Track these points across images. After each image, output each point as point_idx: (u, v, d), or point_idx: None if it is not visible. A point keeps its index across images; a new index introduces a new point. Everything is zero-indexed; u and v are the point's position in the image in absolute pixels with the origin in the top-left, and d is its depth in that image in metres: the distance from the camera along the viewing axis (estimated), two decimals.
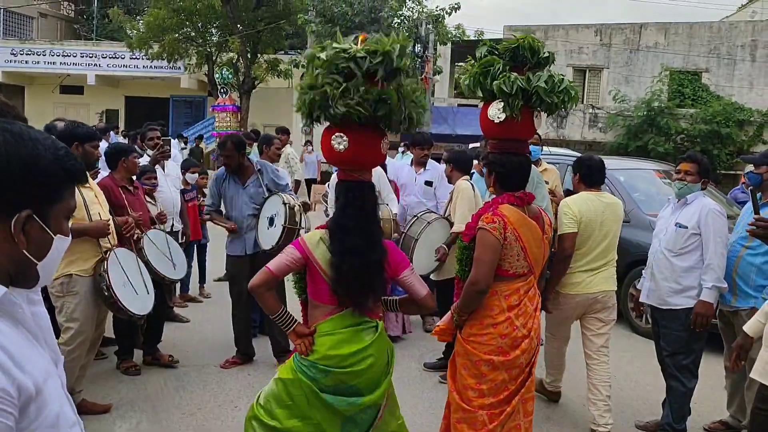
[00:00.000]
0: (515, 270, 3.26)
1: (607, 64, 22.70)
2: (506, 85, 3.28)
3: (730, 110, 20.72)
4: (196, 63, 22.25)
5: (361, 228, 2.93)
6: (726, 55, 22.15)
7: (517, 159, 3.39)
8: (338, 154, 2.92)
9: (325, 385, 2.89)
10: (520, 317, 3.26)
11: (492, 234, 3.17)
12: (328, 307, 2.92)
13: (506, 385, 3.26)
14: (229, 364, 5.45)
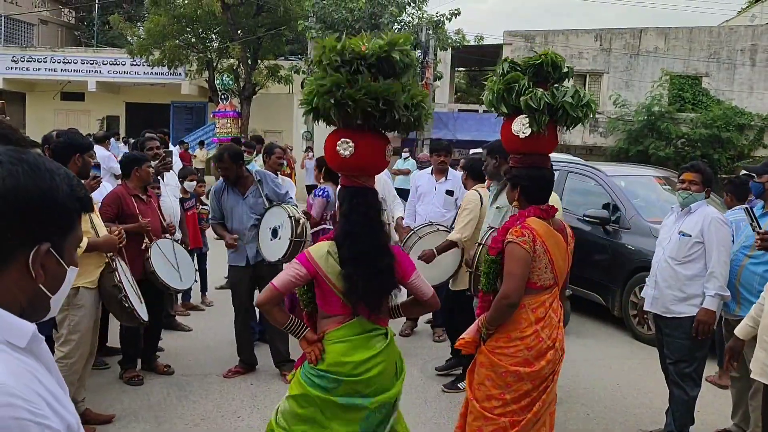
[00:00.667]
0: (542, 282, 3.29)
1: (607, 69, 22.73)
2: (533, 101, 3.34)
3: (730, 114, 20.75)
4: (197, 69, 22.27)
5: (368, 234, 2.94)
6: (726, 60, 22.18)
7: (541, 172, 3.45)
8: (343, 160, 2.95)
9: (337, 394, 2.89)
10: (545, 329, 3.28)
11: (522, 247, 3.20)
12: (339, 317, 2.93)
13: (530, 394, 3.28)
14: (231, 374, 5.45)
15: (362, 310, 2.92)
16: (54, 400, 1.10)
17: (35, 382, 1.07)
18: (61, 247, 1.19)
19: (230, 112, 20.75)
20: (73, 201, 1.19)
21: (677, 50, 22.30)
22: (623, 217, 7.18)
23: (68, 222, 1.20)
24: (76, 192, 1.20)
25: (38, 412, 1.03)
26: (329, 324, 2.96)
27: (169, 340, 5.98)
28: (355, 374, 2.89)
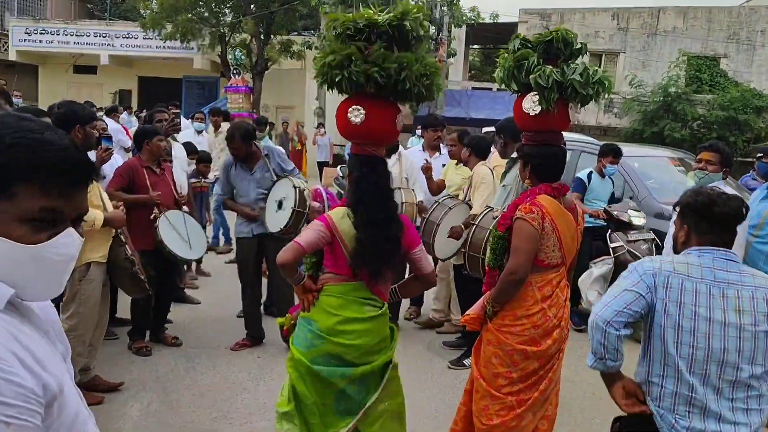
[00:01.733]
0: (550, 261, 3.26)
1: (623, 48, 22.43)
2: (542, 79, 3.29)
3: (748, 96, 20.41)
4: (209, 44, 22.15)
5: (377, 202, 3.04)
6: (745, 41, 21.82)
7: (553, 150, 3.42)
8: (354, 127, 3.03)
9: (317, 356, 3.00)
10: (552, 308, 3.27)
11: (531, 224, 3.17)
12: (342, 276, 3.05)
13: (538, 372, 3.28)
14: (239, 347, 5.48)
15: (364, 275, 3.02)
16: (32, 360, 1.09)
17: (11, 340, 1.07)
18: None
19: (242, 87, 20.67)
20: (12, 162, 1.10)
21: (696, 30, 21.95)
22: (635, 198, 7.11)
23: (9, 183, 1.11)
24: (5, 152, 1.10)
25: (8, 368, 1.04)
26: (329, 279, 3.09)
27: (178, 313, 6.01)
28: (339, 331, 2.99)
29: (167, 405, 4.38)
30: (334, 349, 3.00)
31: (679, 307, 2.29)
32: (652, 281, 2.35)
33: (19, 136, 1.11)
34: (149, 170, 5.25)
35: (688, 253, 2.40)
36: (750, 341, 2.26)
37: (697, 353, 2.27)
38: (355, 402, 3.09)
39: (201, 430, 4.07)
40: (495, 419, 3.26)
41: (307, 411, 3.04)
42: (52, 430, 1.13)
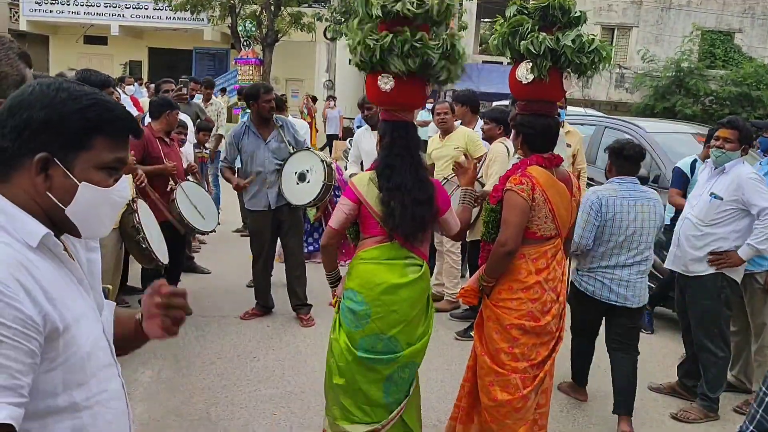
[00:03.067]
0: (543, 233, 3.23)
1: (636, 22, 22.17)
2: (534, 46, 3.20)
3: (762, 72, 20.18)
4: (220, 15, 22.04)
5: (408, 166, 3.11)
6: (761, 15, 21.50)
7: (545, 121, 3.34)
8: (384, 93, 3.11)
9: (364, 336, 3.05)
10: (549, 281, 3.24)
11: (520, 195, 3.14)
12: (376, 238, 3.12)
13: (537, 349, 3.25)
14: (248, 316, 5.57)
15: (398, 237, 3.08)
16: (42, 294, 1.18)
17: (23, 272, 1.16)
18: (69, 161, 1.25)
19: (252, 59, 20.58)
20: (79, 118, 1.25)
21: (710, 4, 21.64)
22: (662, 176, 6.95)
23: (75, 139, 1.25)
24: (85, 112, 1.25)
25: (9, 293, 1.12)
26: (366, 244, 3.16)
27: (188, 283, 6.09)
28: (384, 301, 3.03)
29: (177, 372, 4.48)
30: (379, 327, 3.04)
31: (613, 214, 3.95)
32: (598, 207, 3.96)
33: (92, 97, 1.27)
34: (161, 141, 5.30)
35: (611, 182, 4.10)
36: (646, 230, 3.97)
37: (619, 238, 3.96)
38: (403, 390, 3.18)
39: (210, 397, 4.17)
40: (501, 395, 3.24)
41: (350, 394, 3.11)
42: (57, 363, 1.21)
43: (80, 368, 1.25)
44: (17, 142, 1.22)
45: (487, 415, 3.31)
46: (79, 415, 1.26)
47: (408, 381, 3.20)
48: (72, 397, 1.24)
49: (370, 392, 3.09)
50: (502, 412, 3.25)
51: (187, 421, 3.87)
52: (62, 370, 1.22)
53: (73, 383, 1.24)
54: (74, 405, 1.24)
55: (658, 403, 4.47)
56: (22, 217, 1.22)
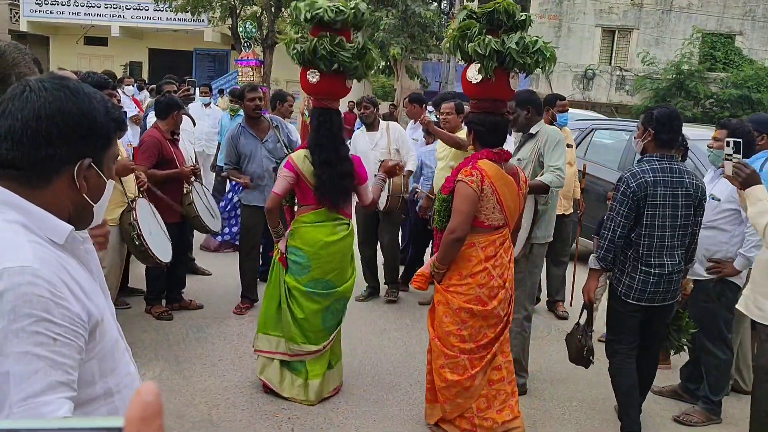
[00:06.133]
0: (491, 222, 3.48)
1: (637, 25, 22.17)
2: (481, 47, 3.47)
3: (762, 75, 20.20)
4: (220, 16, 22.02)
5: (331, 144, 3.98)
6: (762, 18, 21.50)
7: (494, 118, 3.60)
8: (312, 85, 3.96)
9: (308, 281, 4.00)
10: (497, 268, 3.49)
11: (470, 186, 3.40)
12: (311, 206, 4.02)
13: (485, 331, 3.51)
14: (243, 310, 5.68)
15: (326, 203, 3.98)
16: (80, 290, 1.25)
17: (63, 271, 1.23)
18: (101, 161, 1.34)
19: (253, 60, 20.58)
20: (109, 121, 1.33)
21: (711, 7, 21.64)
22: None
23: (106, 139, 1.34)
24: (111, 113, 1.33)
25: (58, 293, 1.18)
26: (303, 210, 4.06)
27: (189, 284, 6.08)
28: (321, 254, 3.98)
29: (179, 374, 4.47)
30: (318, 274, 3.99)
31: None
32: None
33: (107, 100, 1.36)
34: (171, 142, 5.32)
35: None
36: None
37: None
38: (337, 319, 4.18)
39: (212, 399, 4.16)
40: (451, 376, 3.51)
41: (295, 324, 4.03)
42: (94, 353, 1.28)
43: (111, 356, 1.34)
44: (63, 149, 1.27)
45: (440, 396, 3.60)
46: (112, 399, 1.33)
47: (340, 312, 4.20)
48: (107, 383, 1.32)
49: (313, 320, 4.04)
50: (452, 392, 3.55)
51: (189, 423, 3.86)
52: (98, 359, 1.29)
53: (107, 370, 1.32)
54: (108, 391, 1.32)
55: (660, 405, 4.45)
56: (45, 215, 1.27)
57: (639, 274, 3.66)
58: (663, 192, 3.57)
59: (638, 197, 3.57)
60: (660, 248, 3.64)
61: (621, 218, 3.60)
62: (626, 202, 3.59)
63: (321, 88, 3.96)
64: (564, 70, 22.36)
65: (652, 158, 3.64)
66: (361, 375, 4.62)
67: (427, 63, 22.67)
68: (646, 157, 3.68)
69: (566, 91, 21.84)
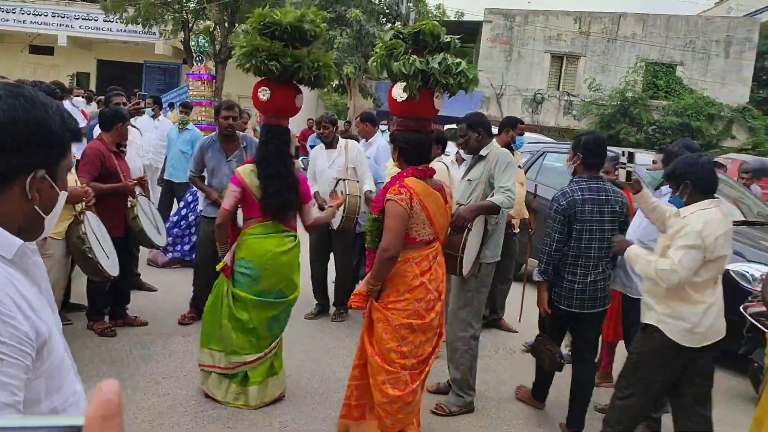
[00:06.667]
0: (422, 237, 3.56)
1: (584, 52, 22.83)
2: (405, 67, 3.55)
3: (701, 104, 21.03)
4: (172, 29, 21.81)
5: (278, 160, 4.11)
6: (701, 50, 22.42)
7: (419, 136, 3.67)
8: (263, 102, 4.09)
9: (258, 291, 4.10)
10: (432, 281, 3.57)
11: (399, 204, 3.46)
12: (257, 219, 4.13)
13: (423, 346, 3.57)
14: (188, 319, 5.64)
15: (271, 215, 4.10)
16: (28, 307, 1.21)
17: (10, 287, 1.19)
18: (54, 172, 1.31)
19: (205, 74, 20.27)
20: (65, 131, 1.31)
21: (654, 38, 22.47)
22: None
23: (61, 150, 1.31)
24: (67, 123, 1.30)
25: (5, 311, 1.15)
26: (250, 223, 4.16)
27: (134, 300, 5.94)
28: (270, 265, 4.08)
29: (122, 392, 4.33)
30: (269, 284, 4.11)
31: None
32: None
33: (63, 109, 1.33)
34: (115, 154, 5.19)
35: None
36: None
37: None
38: (281, 326, 4.33)
39: (155, 417, 4.06)
40: (393, 391, 3.53)
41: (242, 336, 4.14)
42: (41, 371, 1.24)
43: (57, 373, 1.29)
44: (16, 159, 1.23)
45: (381, 412, 3.59)
46: None
47: (285, 320, 4.34)
48: (52, 402, 1.28)
49: (261, 329, 4.17)
50: (395, 407, 3.56)
51: None
52: (44, 377, 1.25)
53: (53, 389, 1.28)
54: (54, 410, 1.28)
55: None
56: None
57: (567, 283, 4.11)
58: (590, 208, 4.05)
59: (569, 214, 4.04)
60: (587, 259, 4.08)
61: (556, 233, 4.08)
62: (559, 219, 4.07)
63: (271, 105, 4.08)
64: (514, 94, 22.84)
65: (581, 179, 4.14)
66: (309, 393, 4.59)
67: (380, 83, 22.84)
68: (576, 178, 4.17)
69: (516, 114, 22.27)
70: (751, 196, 8.07)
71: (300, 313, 5.90)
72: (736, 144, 20.63)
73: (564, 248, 4.08)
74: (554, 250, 4.08)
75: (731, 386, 5.58)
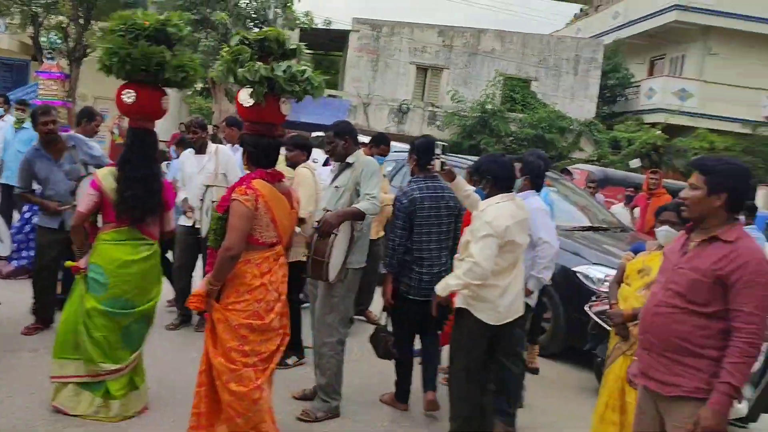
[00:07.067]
0: (265, 239, 3.61)
1: (447, 64, 23.68)
2: (250, 73, 3.61)
3: (553, 118, 22.47)
4: (20, 23, 20.29)
5: (142, 162, 4.07)
6: (553, 67, 23.95)
7: (267, 141, 3.76)
8: (127, 105, 4.02)
9: (106, 299, 4.01)
10: (273, 283, 3.63)
11: (244, 204, 3.50)
12: (113, 224, 4.07)
13: (265, 344, 3.61)
14: (33, 330, 5.40)
15: (127, 221, 4.03)
16: None
17: None
18: None
19: (57, 73, 19.04)
20: None
21: (511, 54, 23.73)
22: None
23: None
24: None
25: None
26: (105, 228, 4.09)
27: None
28: (119, 273, 4.01)
29: None
30: (116, 293, 4.02)
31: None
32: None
33: None
34: None
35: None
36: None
37: None
38: (137, 338, 4.19)
39: None
40: (238, 388, 3.54)
41: (93, 344, 4.01)
42: None
43: None
44: None
45: (231, 412, 3.58)
46: None
47: (140, 332, 4.21)
48: None
49: (112, 339, 4.06)
50: (243, 405, 3.57)
51: None
52: None
53: None
54: None
55: None
56: None
57: (416, 275, 4.52)
58: (429, 205, 4.51)
59: (410, 211, 4.47)
60: (429, 251, 4.53)
61: (399, 230, 4.51)
62: (401, 216, 4.50)
63: (136, 108, 4.03)
64: (381, 103, 23.27)
65: (419, 179, 4.60)
66: (171, 405, 4.42)
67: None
68: (414, 179, 4.65)
69: (382, 123, 22.72)
70: (596, 204, 8.72)
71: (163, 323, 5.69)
72: (584, 155, 22.20)
73: (408, 243, 4.50)
74: (398, 244, 4.51)
75: (578, 380, 6.01)
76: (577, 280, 6.26)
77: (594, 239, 7.11)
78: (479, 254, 3.83)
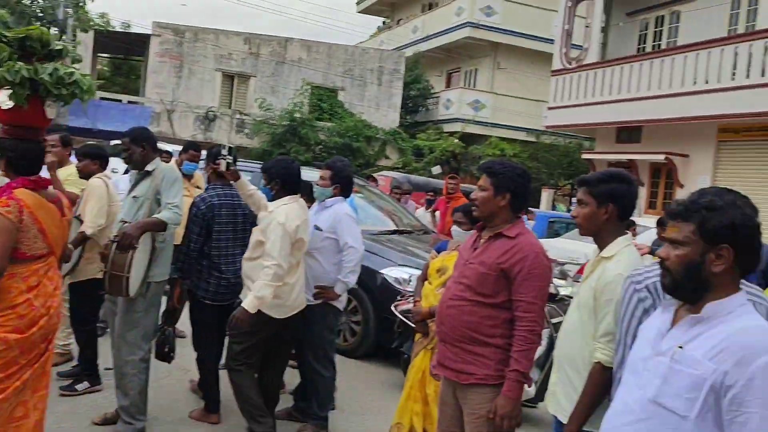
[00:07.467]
0: (33, 252, 3.34)
1: (255, 72, 23.53)
2: (10, 74, 3.34)
3: (360, 127, 23.20)
4: None
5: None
6: (359, 77, 24.71)
7: (29, 145, 3.48)
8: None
9: None
10: (39, 297, 3.34)
11: (6, 217, 3.20)
12: None
13: (17, 360, 3.29)
14: None
15: None
16: None
17: None
18: None
19: None
20: None
21: (318, 63, 24.14)
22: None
23: None
24: None
25: None
26: None
27: None
28: None
29: None
30: None
31: None
32: None
33: None
34: None
35: None
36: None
37: None
38: None
39: None
40: None
41: None
42: None
43: None
44: None
45: None
46: None
47: None
48: None
49: None
50: None
51: None
52: None
53: None
54: None
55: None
56: None
57: (212, 279, 4.56)
58: (227, 212, 4.61)
59: (207, 217, 4.52)
60: (227, 257, 4.60)
61: (194, 235, 4.53)
62: (197, 221, 4.52)
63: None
64: (186, 110, 22.53)
65: (216, 186, 4.69)
66: None
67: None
68: (211, 186, 4.75)
69: (188, 130, 22.03)
70: (401, 209, 9.16)
71: None
72: (390, 163, 23.15)
73: (204, 248, 4.55)
74: (191, 249, 4.54)
75: (385, 376, 6.24)
76: (384, 282, 6.51)
77: (399, 242, 7.44)
78: (279, 255, 4.04)
